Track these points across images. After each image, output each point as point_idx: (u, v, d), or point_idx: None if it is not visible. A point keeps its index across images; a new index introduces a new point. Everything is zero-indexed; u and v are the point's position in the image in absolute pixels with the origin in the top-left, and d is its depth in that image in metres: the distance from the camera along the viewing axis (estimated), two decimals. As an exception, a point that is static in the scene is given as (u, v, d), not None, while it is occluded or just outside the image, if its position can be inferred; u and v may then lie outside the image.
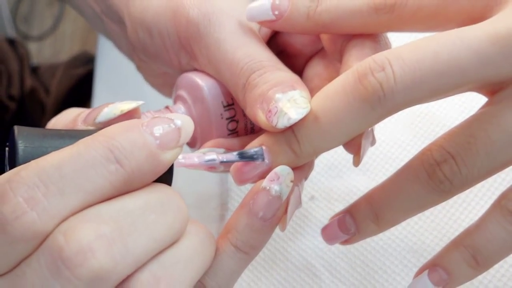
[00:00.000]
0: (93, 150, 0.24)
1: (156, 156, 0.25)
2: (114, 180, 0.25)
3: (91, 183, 0.24)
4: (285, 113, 0.29)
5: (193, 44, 0.34)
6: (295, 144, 0.29)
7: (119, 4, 0.40)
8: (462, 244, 0.30)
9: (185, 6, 0.34)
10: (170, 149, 0.26)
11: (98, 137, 0.25)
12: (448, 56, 0.26)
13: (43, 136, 0.26)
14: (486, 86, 0.28)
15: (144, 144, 0.25)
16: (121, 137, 0.25)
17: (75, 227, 0.24)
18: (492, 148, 0.27)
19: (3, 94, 0.75)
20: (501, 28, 0.26)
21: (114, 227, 0.24)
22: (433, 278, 0.31)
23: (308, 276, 0.43)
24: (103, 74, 0.64)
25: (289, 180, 0.29)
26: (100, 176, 0.24)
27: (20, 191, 0.23)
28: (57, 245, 0.23)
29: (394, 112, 0.28)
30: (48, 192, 0.23)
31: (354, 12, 0.30)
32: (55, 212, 0.24)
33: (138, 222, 0.25)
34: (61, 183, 0.24)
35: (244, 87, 0.32)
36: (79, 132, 0.27)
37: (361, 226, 0.31)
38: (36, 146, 0.26)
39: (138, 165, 0.25)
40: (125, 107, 0.28)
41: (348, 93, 0.27)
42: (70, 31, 1.94)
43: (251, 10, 0.32)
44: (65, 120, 0.29)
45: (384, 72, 0.26)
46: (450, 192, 0.28)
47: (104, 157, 0.24)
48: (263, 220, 0.29)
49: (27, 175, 0.24)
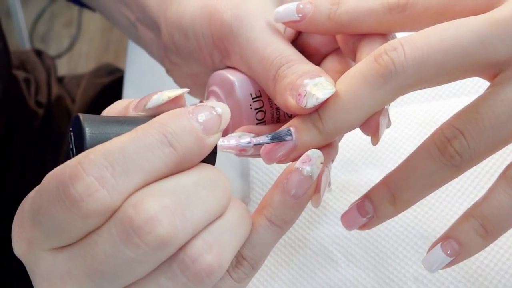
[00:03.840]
0: (150, 135, 0.28)
1: (202, 140, 0.29)
2: (169, 161, 0.28)
3: (150, 164, 0.27)
4: (313, 94, 0.32)
5: (226, 43, 0.38)
6: (318, 121, 0.33)
7: (156, 12, 0.44)
8: (472, 215, 0.33)
9: (220, 10, 0.38)
10: (213, 133, 0.29)
11: (153, 124, 0.28)
12: (452, 37, 0.30)
13: (105, 122, 0.29)
14: (487, 69, 0.31)
15: (192, 129, 0.28)
16: (173, 123, 0.28)
17: (142, 200, 0.27)
18: (497, 121, 0.30)
19: (32, 101, 0.79)
20: (499, 15, 0.30)
21: (174, 200, 0.27)
22: (445, 249, 0.33)
23: (325, 261, 0.46)
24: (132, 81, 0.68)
25: (319, 162, 0.32)
26: (157, 157, 0.27)
27: (91, 171, 0.26)
28: (128, 216, 0.27)
29: (405, 88, 0.31)
30: (115, 172, 0.27)
31: (370, 12, 0.34)
32: (122, 189, 0.27)
33: (193, 196, 0.28)
34: (125, 164, 0.27)
35: (274, 78, 0.35)
36: (134, 119, 0.30)
37: (379, 208, 0.34)
38: (100, 132, 0.29)
39: (188, 148, 0.28)
40: (172, 94, 0.31)
41: (364, 72, 0.31)
42: (86, 51, 2.00)
43: (278, 13, 0.36)
44: (117, 109, 0.32)
45: (396, 51, 0.31)
46: (461, 166, 0.31)
47: (159, 141, 0.28)
48: (295, 198, 0.32)
49: (96, 157, 0.27)
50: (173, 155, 0.28)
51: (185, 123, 0.28)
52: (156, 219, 0.26)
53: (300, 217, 0.49)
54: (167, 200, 0.27)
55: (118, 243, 0.27)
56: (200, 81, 0.43)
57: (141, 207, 0.27)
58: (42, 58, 0.88)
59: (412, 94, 0.53)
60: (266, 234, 0.32)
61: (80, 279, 0.28)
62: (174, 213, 0.27)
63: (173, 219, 0.27)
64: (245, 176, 0.54)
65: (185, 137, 0.28)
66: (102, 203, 0.26)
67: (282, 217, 0.32)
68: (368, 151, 0.51)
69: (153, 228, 0.26)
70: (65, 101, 0.82)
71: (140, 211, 0.26)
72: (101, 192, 0.26)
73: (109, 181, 0.26)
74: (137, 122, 0.29)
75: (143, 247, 0.26)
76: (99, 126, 0.29)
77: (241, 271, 0.32)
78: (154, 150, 0.27)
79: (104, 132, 0.29)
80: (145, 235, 0.26)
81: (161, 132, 0.28)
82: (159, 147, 0.28)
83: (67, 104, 0.82)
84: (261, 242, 0.32)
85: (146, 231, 0.26)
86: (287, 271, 0.47)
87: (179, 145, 0.28)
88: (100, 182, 0.26)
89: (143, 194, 0.27)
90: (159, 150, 0.27)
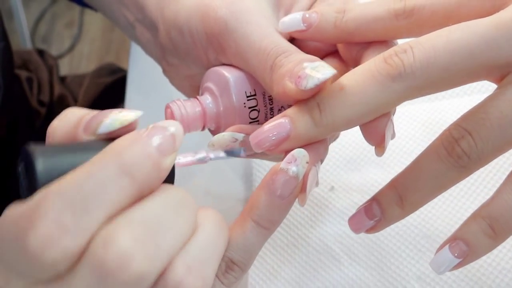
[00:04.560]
0: (107, 168, 0.26)
1: (159, 164, 0.28)
2: (129, 192, 0.27)
3: (110, 198, 0.26)
4: (313, 76, 0.31)
5: (221, 39, 0.38)
6: (316, 112, 0.32)
7: (154, 11, 0.44)
8: (480, 216, 0.32)
9: (214, 7, 0.38)
10: (168, 154, 0.28)
11: (108, 155, 0.27)
12: (458, 39, 0.30)
13: (57, 153, 0.28)
14: (494, 71, 0.31)
15: (148, 155, 0.27)
16: (128, 152, 0.27)
17: (110, 237, 0.25)
18: (505, 121, 0.30)
19: (35, 100, 0.79)
20: (505, 16, 0.30)
21: (144, 230, 0.26)
22: (454, 250, 0.33)
23: (328, 260, 0.46)
24: (135, 80, 0.68)
25: (305, 162, 0.32)
26: (117, 190, 0.26)
27: (50, 216, 0.25)
28: (99, 257, 0.25)
29: (411, 90, 0.31)
30: (75, 213, 0.25)
31: (376, 19, 0.34)
32: (85, 231, 0.25)
33: (162, 221, 0.27)
34: (84, 203, 0.25)
35: (271, 69, 0.35)
36: (87, 145, 0.29)
37: (387, 211, 0.33)
38: (53, 165, 0.27)
39: (146, 175, 0.27)
40: (124, 119, 0.29)
41: (373, 70, 0.31)
42: (87, 51, 2.00)
43: (284, 23, 0.36)
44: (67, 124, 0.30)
45: (406, 53, 0.31)
46: (468, 167, 0.31)
47: (117, 174, 0.26)
48: (281, 198, 0.31)
49: (53, 199, 0.25)
50: (133, 185, 0.27)
51: (141, 150, 0.27)
52: (129, 255, 0.25)
53: (303, 216, 0.49)
54: (136, 232, 0.26)
55: (93, 285, 0.25)
56: (196, 82, 0.43)
57: (110, 245, 0.25)
58: (44, 58, 0.88)
59: (415, 94, 0.54)
60: (253, 236, 0.32)
61: None
62: (146, 244, 0.26)
63: (146, 251, 0.26)
64: (248, 175, 0.54)
65: (142, 164, 0.27)
66: (67, 251, 0.25)
67: (268, 218, 0.32)
68: (371, 151, 0.50)
69: (127, 265, 0.25)
70: (67, 100, 0.82)
71: (110, 250, 0.25)
72: (64, 240, 0.25)
73: (70, 225, 0.25)
74: (90, 150, 0.28)
75: (120, 286, 0.25)
76: (51, 158, 0.27)
77: (231, 276, 0.31)
78: (113, 183, 0.26)
79: (57, 165, 0.27)
80: (120, 275, 0.25)
81: (118, 163, 0.27)
82: (118, 179, 0.26)
83: (70, 103, 0.82)
84: (249, 244, 0.32)
85: (121, 270, 0.25)
86: (289, 270, 0.47)
87: (137, 174, 0.27)
88: (60, 229, 0.25)
89: (110, 230, 0.26)
90: (118, 183, 0.26)
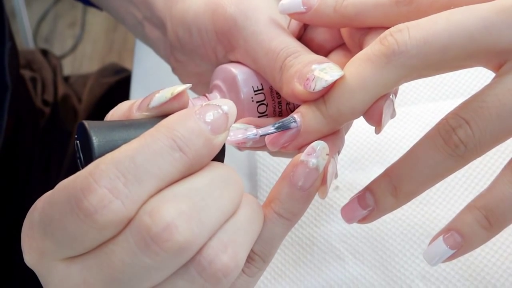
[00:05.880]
0: (159, 141, 0.27)
1: (211, 141, 0.28)
2: (180, 166, 0.28)
3: (161, 170, 0.27)
4: (321, 78, 0.32)
5: (230, 37, 0.38)
6: (322, 105, 0.33)
7: (162, 10, 0.44)
8: (475, 206, 0.32)
9: (223, 5, 0.39)
10: (220, 133, 0.29)
11: (161, 128, 0.28)
12: (458, 21, 0.30)
13: (111, 128, 0.29)
14: (493, 57, 0.31)
15: (200, 131, 0.28)
16: (180, 126, 0.28)
17: (157, 207, 0.27)
18: (503, 110, 0.30)
19: (39, 100, 0.79)
20: (506, 2, 0.30)
21: (190, 204, 0.27)
22: (448, 241, 0.32)
23: (332, 259, 0.47)
24: (139, 80, 0.68)
25: (325, 154, 0.32)
26: (168, 163, 0.27)
27: (103, 182, 0.26)
28: (145, 224, 0.26)
29: (408, 69, 0.31)
30: (127, 181, 0.26)
31: (376, 5, 0.34)
32: (136, 198, 0.27)
33: (207, 198, 0.28)
34: (137, 173, 0.27)
35: (281, 69, 0.35)
36: (140, 122, 0.30)
37: (380, 200, 0.33)
38: (108, 139, 0.28)
39: (197, 151, 0.28)
40: (174, 90, 0.30)
41: (369, 54, 0.31)
42: (89, 51, 2.00)
43: (284, 4, 0.36)
44: (121, 111, 0.32)
45: (401, 32, 0.31)
46: (465, 156, 0.30)
47: (169, 147, 0.27)
48: (302, 190, 0.32)
49: (107, 168, 0.26)
50: (184, 159, 0.28)
51: (193, 126, 0.28)
52: (173, 226, 0.26)
53: (307, 215, 0.49)
54: (183, 205, 0.27)
55: (136, 252, 0.26)
56: (205, 79, 0.43)
57: (157, 215, 0.26)
58: (48, 58, 0.88)
59: (418, 94, 0.54)
60: (275, 227, 0.32)
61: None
62: (191, 218, 0.27)
63: (190, 224, 0.27)
64: (253, 175, 0.54)
65: (194, 140, 0.28)
66: (117, 214, 0.26)
67: (290, 209, 0.32)
68: (376, 150, 0.51)
69: (171, 235, 0.26)
70: (71, 100, 0.83)
71: (157, 219, 0.26)
72: (115, 203, 0.26)
73: (122, 191, 0.26)
74: (143, 126, 0.29)
75: (162, 254, 0.26)
76: (106, 133, 0.29)
77: (253, 266, 0.32)
78: (165, 156, 0.27)
79: (111, 139, 0.28)
80: (163, 243, 0.26)
81: (170, 137, 0.27)
82: (169, 153, 0.27)
83: (74, 103, 0.83)
84: (270, 236, 0.32)
85: (165, 239, 0.26)
86: (294, 269, 0.47)
87: (188, 149, 0.28)
88: (113, 193, 0.26)
89: (158, 201, 0.27)
90: (169, 156, 0.27)
